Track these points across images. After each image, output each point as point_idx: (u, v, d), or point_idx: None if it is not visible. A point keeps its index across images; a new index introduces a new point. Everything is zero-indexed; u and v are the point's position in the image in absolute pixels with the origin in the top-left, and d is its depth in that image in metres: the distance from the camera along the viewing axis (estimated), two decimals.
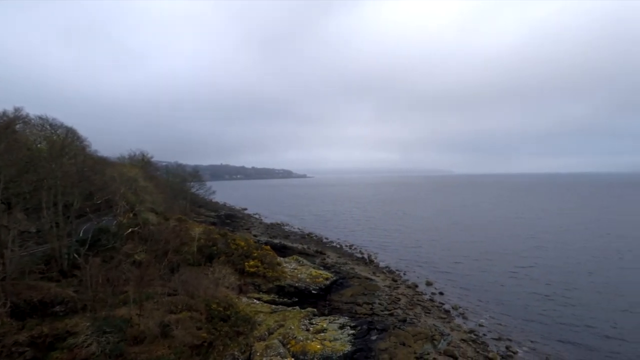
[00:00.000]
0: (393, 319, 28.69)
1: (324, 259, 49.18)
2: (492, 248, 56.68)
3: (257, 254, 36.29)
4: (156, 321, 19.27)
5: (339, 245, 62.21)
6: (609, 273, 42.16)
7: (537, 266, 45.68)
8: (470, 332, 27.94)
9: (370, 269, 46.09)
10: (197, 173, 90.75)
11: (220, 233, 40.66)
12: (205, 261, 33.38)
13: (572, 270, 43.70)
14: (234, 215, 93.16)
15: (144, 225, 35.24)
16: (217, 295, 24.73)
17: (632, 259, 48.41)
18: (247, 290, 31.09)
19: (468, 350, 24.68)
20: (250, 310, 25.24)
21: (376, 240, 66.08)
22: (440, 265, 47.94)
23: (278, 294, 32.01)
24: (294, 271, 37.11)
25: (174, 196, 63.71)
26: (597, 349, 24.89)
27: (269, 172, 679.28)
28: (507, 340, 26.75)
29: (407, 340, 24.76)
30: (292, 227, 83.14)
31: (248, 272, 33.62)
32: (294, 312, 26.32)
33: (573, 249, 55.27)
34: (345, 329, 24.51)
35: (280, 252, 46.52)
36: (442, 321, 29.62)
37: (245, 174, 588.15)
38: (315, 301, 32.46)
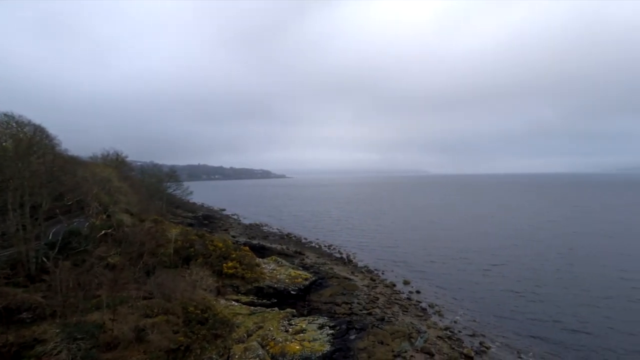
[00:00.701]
0: (371, 318, 29.05)
1: (303, 259, 49.18)
2: (466, 247, 58.22)
3: (235, 255, 35.87)
4: (131, 326, 18.77)
5: (318, 246, 62.35)
6: (575, 269, 44.11)
7: (508, 264, 47.25)
8: (446, 329, 28.62)
9: (349, 268, 46.44)
10: (174, 173, 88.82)
11: (197, 234, 39.97)
12: (182, 263, 32.75)
13: (541, 267, 45.46)
14: (212, 216, 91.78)
15: (118, 226, 34.21)
16: (195, 297, 24.32)
17: (597, 255, 50.80)
18: (226, 292, 30.70)
19: (444, 346, 25.27)
20: (228, 312, 24.95)
21: (355, 240, 66.61)
22: (417, 264, 48.86)
23: (257, 295, 31.76)
24: (273, 272, 36.91)
25: (150, 197, 62.14)
26: (563, 343, 26.01)
27: (248, 172, 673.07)
28: (481, 336, 27.56)
29: (385, 339, 25.14)
30: (271, 228, 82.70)
31: (226, 274, 33.19)
32: (273, 313, 26.22)
33: (542, 246, 57.50)
34: (324, 329, 24.61)
35: (259, 253, 46.20)
36: (419, 319, 30.20)
37: (224, 174, 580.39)
38: (294, 302, 32.42)
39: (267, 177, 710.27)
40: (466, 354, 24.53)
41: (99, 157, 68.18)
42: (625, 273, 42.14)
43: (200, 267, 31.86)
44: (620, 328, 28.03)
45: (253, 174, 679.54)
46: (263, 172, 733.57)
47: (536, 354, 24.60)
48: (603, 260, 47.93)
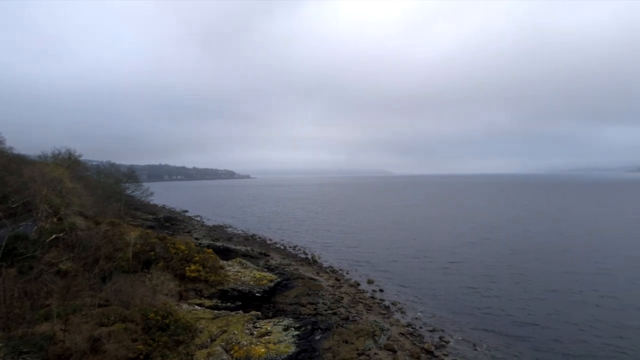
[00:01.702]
0: (336, 318, 29.41)
1: (268, 260, 48.83)
2: (427, 246, 60.37)
3: (198, 258, 34.99)
4: (84, 336, 17.81)
5: (283, 247, 62.13)
6: (525, 265, 47.04)
7: (465, 262, 49.54)
8: (408, 326, 29.54)
9: (314, 269, 46.67)
10: (133, 173, 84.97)
11: (158, 237, 38.55)
12: (141, 268, 31.46)
13: (494, 264, 48.08)
14: (173, 218, 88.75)
15: (71, 230, 32.28)
16: (155, 303, 23.48)
17: (546, 252, 54.48)
18: (188, 296, 29.89)
19: (406, 343, 26.07)
20: (191, 317, 24.32)
21: (320, 241, 67.03)
22: (380, 263, 50.01)
23: (221, 299, 31.18)
24: (238, 274, 36.39)
25: (107, 198, 59.11)
26: (514, 335, 27.70)
27: (212, 172, 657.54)
28: (441, 331, 28.71)
29: (350, 338, 25.54)
30: (236, 229, 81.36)
31: (189, 277, 32.33)
32: (238, 317, 25.86)
33: (496, 244, 60.82)
34: (289, 331, 24.62)
35: (223, 255, 45.36)
36: (382, 317, 30.93)
37: (186, 175, 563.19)
38: (259, 304, 32.17)
39: (232, 177, 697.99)
40: (427, 348, 25.45)
41: (49, 156, 63.91)
42: (569, 267, 45.55)
43: (161, 271, 30.79)
44: (565, 319, 30.24)
45: (217, 175, 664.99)
46: (227, 172, 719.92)
47: (490, 346, 26.00)
48: (551, 257, 51.45)
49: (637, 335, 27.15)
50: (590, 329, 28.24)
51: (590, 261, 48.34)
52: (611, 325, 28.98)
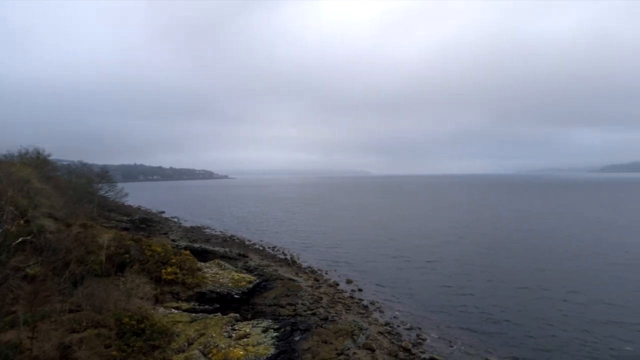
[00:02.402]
0: (315, 318, 29.47)
1: (246, 261, 48.41)
2: (404, 245, 61.44)
3: (175, 260, 34.28)
4: (54, 343, 17.14)
5: (262, 247, 61.76)
6: (498, 263, 48.63)
7: (441, 261, 50.71)
8: (386, 325, 29.94)
9: (293, 269, 46.61)
10: (107, 173, 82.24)
11: (133, 239, 37.54)
12: (115, 271, 30.56)
13: (469, 262, 49.43)
14: (149, 219, 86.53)
15: (39, 233, 30.97)
16: (130, 307, 22.86)
17: (517, 249, 56.47)
18: (164, 299, 29.26)
19: (384, 341, 26.42)
20: (167, 321, 23.82)
21: (298, 241, 67.03)
22: (359, 263, 50.52)
23: (198, 301, 30.67)
24: (216, 276, 35.89)
25: (78, 200, 56.98)
26: (488, 332, 28.57)
27: (189, 172, 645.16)
28: (418, 329, 29.29)
29: (329, 338, 25.66)
30: (214, 230, 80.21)
31: (165, 280, 31.62)
32: (216, 319, 25.52)
33: (470, 243, 62.57)
34: (268, 332, 24.49)
35: (201, 257, 44.62)
36: (361, 316, 31.24)
37: (163, 175, 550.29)
38: (238, 306, 31.84)
39: (210, 177, 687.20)
40: (404, 346, 25.88)
41: (15, 155, 61.08)
42: (538, 265, 47.32)
43: (136, 274, 30.01)
44: (535, 315, 31.44)
45: (195, 175, 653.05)
46: (205, 172, 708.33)
47: (465, 343, 26.72)
48: (522, 254, 53.38)
49: (601, 328, 28.53)
50: (559, 324, 29.48)
51: (557, 258, 50.42)
52: (577, 319, 30.34)
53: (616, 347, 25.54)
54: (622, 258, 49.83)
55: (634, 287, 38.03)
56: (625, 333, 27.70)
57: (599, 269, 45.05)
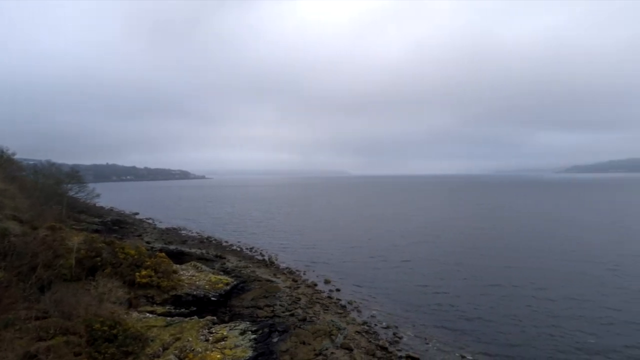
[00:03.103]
0: (294, 319, 29.43)
1: (223, 263, 47.79)
2: (381, 245, 62.34)
3: (150, 263, 33.44)
4: (18, 353, 16.41)
5: (240, 248, 61.17)
6: (471, 262, 50.07)
7: (417, 260, 51.81)
8: (364, 324, 30.29)
9: (271, 270, 46.40)
10: (77, 173, 79.08)
11: (105, 241, 36.36)
12: (86, 275, 29.50)
13: (444, 261, 50.72)
14: (122, 221, 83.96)
15: (3, 236, 29.55)
16: (101, 312, 22.15)
17: (490, 247, 58.26)
18: (139, 303, 28.49)
19: (362, 341, 26.71)
20: (141, 325, 23.22)
21: (277, 242, 66.83)
22: (337, 263, 50.92)
23: (174, 305, 30.04)
24: (192, 278, 35.26)
25: (46, 201, 54.66)
26: (461, 329, 29.38)
27: (164, 172, 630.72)
28: (394, 328, 29.80)
29: (307, 339, 25.69)
30: (190, 232, 78.77)
31: (139, 284, 30.79)
32: (192, 323, 25.09)
33: (445, 242, 64.21)
34: (246, 334, 24.30)
35: (177, 259, 43.75)
36: (339, 316, 31.46)
37: (137, 175, 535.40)
38: (215, 308, 31.38)
39: (186, 177, 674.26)
40: (381, 345, 26.27)
41: None
42: (511, 262, 49.10)
43: (108, 278, 29.10)
44: (505, 311, 32.60)
45: (170, 175, 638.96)
46: (181, 172, 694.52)
47: (440, 340, 27.43)
48: (494, 252, 55.26)
49: (567, 323, 29.90)
50: (527, 319, 30.68)
51: (527, 256, 52.40)
52: (545, 314, 31.67)
53: (580, 340, 26.83)
54: (586, 255, 52.32)
55: (596, 282, 40.06)
56: (589, 326, 29.15)
57: (564, 265, 47.13)
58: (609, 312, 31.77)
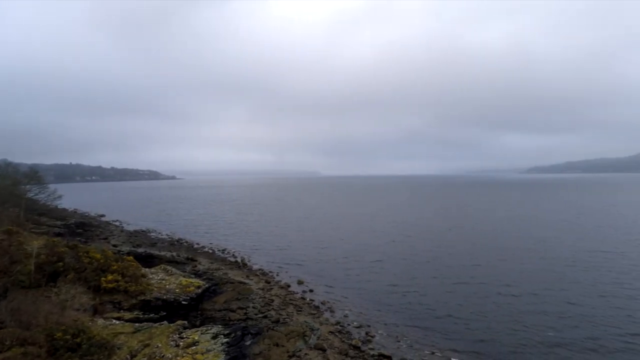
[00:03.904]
0: (267, 321, 29.27)
1: (195, 266, 46.85)
2: (353, 245, 63.15)
3: (116, 267, 32.24)
4: None
5: (212, 250, 60.16)
6: (441, 260, 51.58)
7: (388, 259, 52.79)
8: (337, 324, 30.54)
9: (244, 272, 45.92)
10: (36, 174, 75.07)
11: (68, 245, 34.80)
12: (47, 281, 28.10)
13: (414, 260, 51.93)
14: (87, 224, 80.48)
15: None
16: (64, 320, 21.18)
17: (458, 246, 60.23)
18: (104, 310, 27.41)
19: (335, 341, 26.94)
20: (107, 333, 22.37)
21: (249, 243, 66.30)
22: (310, 264, 51.11)
23: (143, 310, 29.10)
24: (162, 282, 34.30)
25: (1, 203, 51.66)
26: (431, 327, 30.20)
27: (132, 173, 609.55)
28: (367, 327, 30.24)
29: (281, 340, 25.63)
30: (160, 234, 76.57)
31: (106, 289, 29.63)
32: (162, 328, 24.41)
33: (415, 241, 65.79)
34: (218, 338, 23.91)
35: (146, 263, 42.43)
36: (312, 317, 31.57)
37: (103, 175, 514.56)
38: (186, 312, 30.71)
39: (156, 178, 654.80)
40: (354, 344, 26.60)
41: None
42: (478, 260, 50.95)
43: (71, 284, 27.87)
44: (472, 308, 33.78)
45: (139, 175, 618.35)
46: (150, 172, 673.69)
47: (411, 338, 28.14)
48: (463, 251, 57.16)
49: (529, 317, 31.40)
50: (493, 315, 32.00)
51: (492, 253, 54.57)
52: (509, 310, 33.12)
53: (540, 334, 28.28)
54: (546, 252, 55.07)
55: (556, 278, 42.26)
56: (549, 320, 30.75)
57: (527, 262, 49.44)
58: (567, 306, 33.64)
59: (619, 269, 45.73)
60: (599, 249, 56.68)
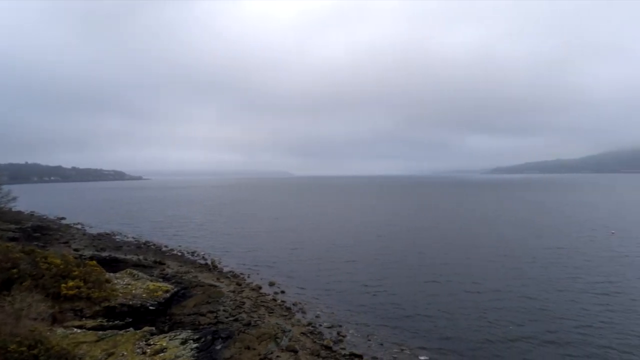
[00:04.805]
0: (238, 324, 28.92)
1: (163, 269, 45.55)
2: (325, 246, 63.53)
3: (78, 272, 30.75)
4: None
5: (181, 253, 58.70)
6: (410, 259, 52.86)
7: (360, 259, 53.47)
8: (309, 325, 30.65)
9: (214, 275, 45.15)
10: None
11: (24, 250, 32.86)
12: (0, 290, 26.43)
13: (385, 260, 52.85)
14: (45, 227, 76.08)
15: None
16: (19, 331, 19.96)
17: (427, 244, 61.96)
18: (65, 318, 26.10)
19: (307, 342, 27.03)
20: (68, 342, 21.33)
21: (220, 245, 65.27)
22: (281, 265, 50.98)
23: (107, 317, 27.92)
24: (128, 287, 33.09)
25: None
26: (401, 326, 30.84)
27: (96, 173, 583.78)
28: (338, 327, 30.55)
29: (252, 343, 25.41)
30: (126, 237, 73.80)
31: (66, 296, 28.20)
32: (127, 335, 23.56)
33: (386, 240, 67.13)
34: (187, 344, 23.37)
35: (111, 267, 40.76)
36: (284, 318, 31.51)
37: (63, 176, 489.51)
38: (154, 318, 29.75)
39: (121, 178, 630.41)
40: (326, 345, 26.80)
41: None
42: (446, 258, 52.58)
43: (27, 291, 26.27)
44: (440, 307, 34.75)
45: (103, 176, 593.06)
46: (116, 173, 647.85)
47: (380, 337, 28.67)
48: (431, 250, 58.85)
49: (492, 313, 32.76)
50: (459, 313, 33.10)
51: (460, 252, 56.52)
52: (474, 307, 34.41)
53: (503, 329, 29.62)
54: (509, 249, 57.69)
55: (516, 275, 44.36)
56: (511, 315, 32.24)
57: (491, 259, 51.61)
58: (527, 301, 35.41)
59: (573, 264, 48.71)
60: (555, 245, 60.07)
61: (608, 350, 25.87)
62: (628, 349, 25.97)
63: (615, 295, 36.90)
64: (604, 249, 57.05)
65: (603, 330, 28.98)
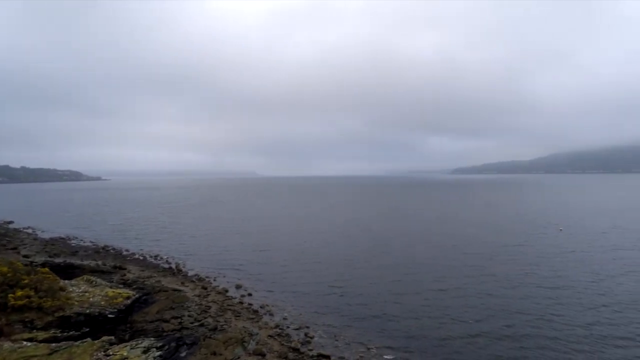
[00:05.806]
0: (204, 330, 28.27)
1: (124, 274, 43.65)
2: (292, 247, 63.50)
3: (28, 281, 28.84)
4: None
5: (142, 257, 56.51)
6: (377, 260, 53.85)
7: (327, 261, 53.76)
8: (276, 327, 30.52)
9: (179, 279, 43.87)
10: None
11: None
12: None
13: (353, 261, 53.57)
14: None
15: None
16: None
17: (392, 244, 63.44)
18: (12, 331, 24.40)
19: (275, 344, 26.93)
20: (17, 357, 20.00)
21: (184, 248, 63.57)
22: (248, 267, 50.38)
23: (61, 328, 26.37)
24: (85, 295, 31.43)
25: None
26: (368, 326, 31.31)
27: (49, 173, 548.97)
28: (306, 328, 30.66)
29: (218, 349, 24.97)
30: (82, 241, 70.02)
31: (14, 307, 26.38)
32: (84, 346, 22.40)
33: (353, 241, 68.01)
34: (150, 352, 22.58)
35: (66, 274, 38.56)
36: (251, 322, 31.19)
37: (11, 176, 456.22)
38: (113, 327, 28.47)
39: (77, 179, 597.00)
40: (294, 347, 26.81)
41: None
42: (410, 258, 54.04)
43: None
44: (405, 306, 35.64)
45: (57, 176, 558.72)
46: (71, 173, 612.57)
47: (348, 337, 29.04)
48: (396, 250, 60.34)
49: (454, 310, 34.07)
50: (423, 311, 34.12)
51: (424, 251, 58.36)
52: (437, 305, 35.57)
53: (463, 325, 30.92)
54: (470, 248, 60.31)
55: (476, 272, 46.46)
56: (471, 312, 33.69)
57: (453, 258, 53.71)
58: (486, 298, 37.19)
59: (526, 260, 51.77)
60: (511, 243, 63.57)
61: (558, 340, 27.71)
62: (575, 338, 28.00)
63: (563, 289, 39.58)
64: (553, 245, 61.04)
65: (553, 323, 30.98)
